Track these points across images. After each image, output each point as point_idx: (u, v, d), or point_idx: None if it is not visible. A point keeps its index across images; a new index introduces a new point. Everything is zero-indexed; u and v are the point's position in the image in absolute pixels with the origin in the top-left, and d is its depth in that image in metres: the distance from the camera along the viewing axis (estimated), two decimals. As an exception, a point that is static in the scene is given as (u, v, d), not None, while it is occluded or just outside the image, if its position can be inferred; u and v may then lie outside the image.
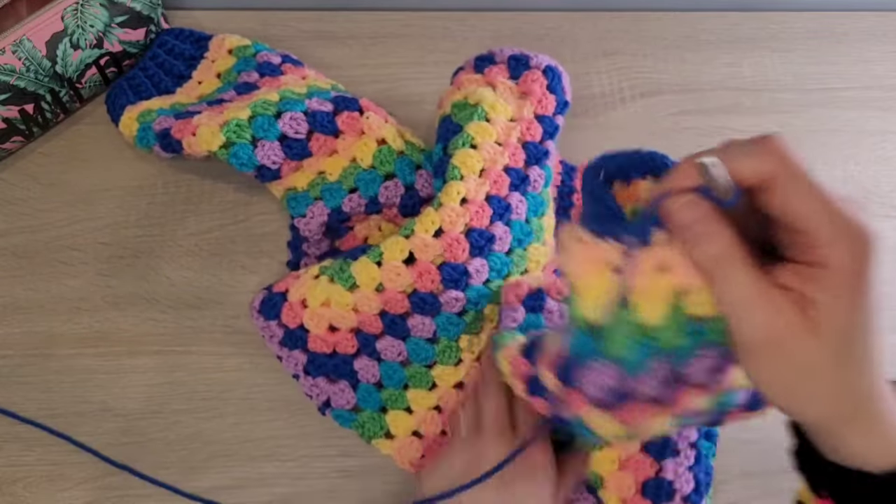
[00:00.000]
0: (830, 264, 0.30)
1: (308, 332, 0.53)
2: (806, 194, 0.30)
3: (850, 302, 0.30)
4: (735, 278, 0.31)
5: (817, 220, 0.30)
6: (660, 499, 0.51)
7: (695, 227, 0.32)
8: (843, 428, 0.33)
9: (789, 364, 0.32)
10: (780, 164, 0.31)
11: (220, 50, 0.63)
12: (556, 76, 0.56)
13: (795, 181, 0.31)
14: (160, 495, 0.53)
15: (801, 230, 0.31)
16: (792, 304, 0.31)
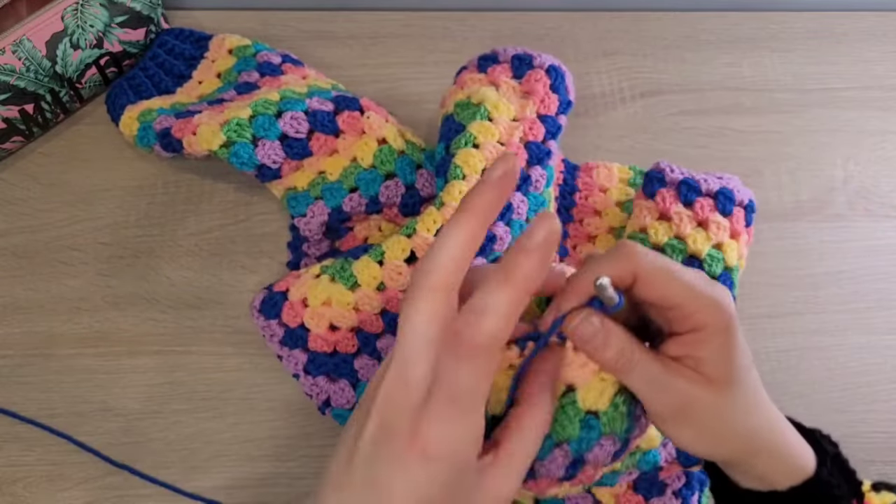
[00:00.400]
0: (705, 325, 0.36)
1: (308, 332, 0.53)
2: (666, 281, 0.36)
3: (730, 350, 0.36)
4: (638, 367, 0.37)
5: (682, 297, 0.36)
6: (651, 494, 0.51)
7: (595, 338, 0.37)
8: (753, 459, 0.39)
9: (700, 419, 0.37)
10: (637, 265, 0.36)
11: (221, 50, 0.63)
12: (560, 76, 0.56)
13: (654, 274, 0.36)
14: (160, 495, 0.53)
15: (671, 307, 0.36)
16: (687, 370, 0.37)
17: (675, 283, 0.36)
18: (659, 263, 0.36)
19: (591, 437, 0.39)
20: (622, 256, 0.36)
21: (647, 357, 0.37)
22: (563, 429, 0.38)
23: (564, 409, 0.38)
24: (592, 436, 0.39)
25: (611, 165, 0.62)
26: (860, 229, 0.63)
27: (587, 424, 0.38)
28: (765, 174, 0.64)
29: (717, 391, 0.37)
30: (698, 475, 0.53)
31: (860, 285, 0.61)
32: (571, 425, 0.38)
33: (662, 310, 0.37)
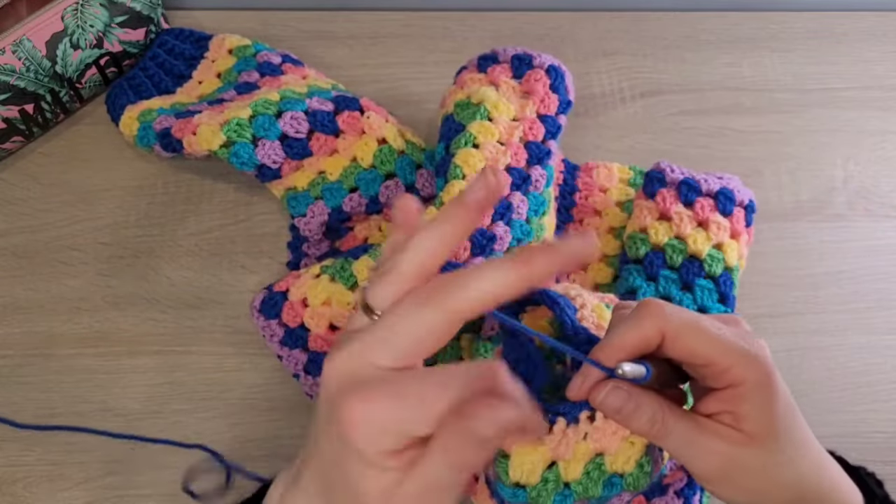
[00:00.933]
0: (742, 381, 0.36)
1: (309, 332, 0.53)
2: (695, 338, 0.36)
3: (770, 404, 0.36)
4: (674, 433, 0.37)
5: (714, 353, 0.36)
6: (653, 493, 0.51)
7: (624, 408, 0.36)
8: None
9: (743, 478, 0.37)
10: (663, 324, 0.36)
11: (221, 50, 0.63)
12: (560, 76, 0.56)
13: (682, 332, 0.36)
14: (160, 496, 0.53)
15: (704, 364, 0.36)
16: (726, 428, 0.36)
17: (705, 339, 0.36)
18: (686, 319, 0.36)
19: (611, 493, 0.42)
20: (646, 317, 0.36)
21: (683, 421, 0.37)
22: (587, 490, 0.41)
23: (590, 473, 0.41)
24: (614, 492, 0.42)
25: (611, 165, 0.62)
26: (860, 229, 0.63)
27: (610, 483, 0.41)
28: (765, 174, 0.64)
29: (760, 447, 0.36)
30: None
31: (860, 285, 0.61)
32: (595, 486, 0.41)
33: (695, 366, 0.37)
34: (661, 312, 0.36)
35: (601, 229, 0.60)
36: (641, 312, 0.36)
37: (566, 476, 0.42)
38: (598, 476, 0.41)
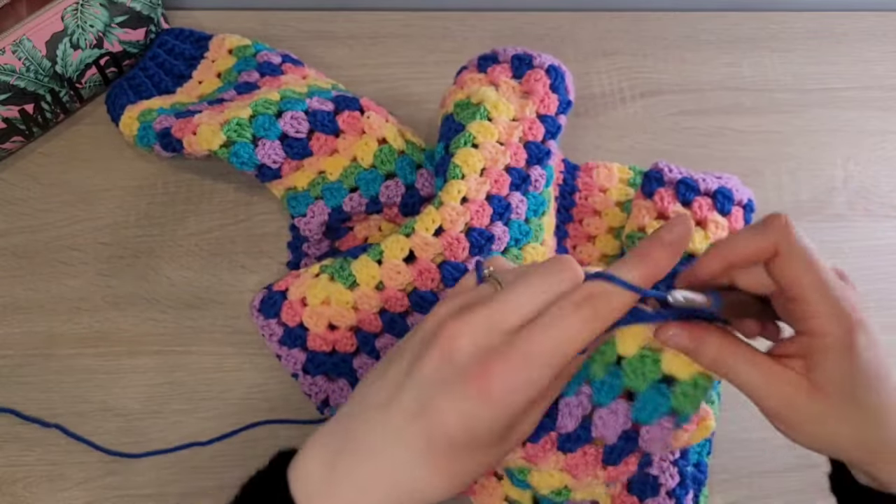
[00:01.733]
0: (824, 334, 0.36)
1: (307, 331, 0.53)
2: (803, 269, 0.36)
3: (847, 365, 0.35)
4: (738, 370, 0.37)
5: (811, 292, 0.36)
6: (645, 494, 0.51)
7: (689, 346, 0.38)
8: (871, 466, 0.37)
9: (807, 423, 0.37)
10: (783, 240, 0.36)
11: (221, 50, 0.63)
12: (560, 76, 0.56)
13: (795, 257, 0.36)
14: (160, 496, 0.53)
15: (797, 299, 0.36)
16: (796, 374, 0.37)
17: (812, 274, 0.35)
18: (806, 246, 0.36)
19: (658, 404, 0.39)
20: (771, 228, 0.36)
21: (748, 362, 0.37)
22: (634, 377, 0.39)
23: (644, 359, 0.39)
24: (660, 403, 0.39)
25: (611, 165, 0.62)
26: (860, 229, 0.63)
27: (658, 389, 0.39)
28: (765, 174, 0.64)
29: (823, 400, 0.36)
30: (693, 474, 0.53)
31: (860, 285, 0.60)
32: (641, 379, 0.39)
33: (787, 301, 0.37)
34: (787, 230, 0.36)
35: (601, 229, 0.60)
36: (768, 223, 0.36)
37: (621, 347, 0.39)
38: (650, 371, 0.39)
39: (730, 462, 0.56)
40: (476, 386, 0.35)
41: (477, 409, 0.35)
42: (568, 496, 0.42)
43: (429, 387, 0.36)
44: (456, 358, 0.35)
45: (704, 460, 0.54)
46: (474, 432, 0.35)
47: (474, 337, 0.36)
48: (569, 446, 0.41)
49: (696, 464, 0.53)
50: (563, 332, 0.35)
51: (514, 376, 0.35)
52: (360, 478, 0.36)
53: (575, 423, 0.41)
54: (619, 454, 0.41)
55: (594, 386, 0.40)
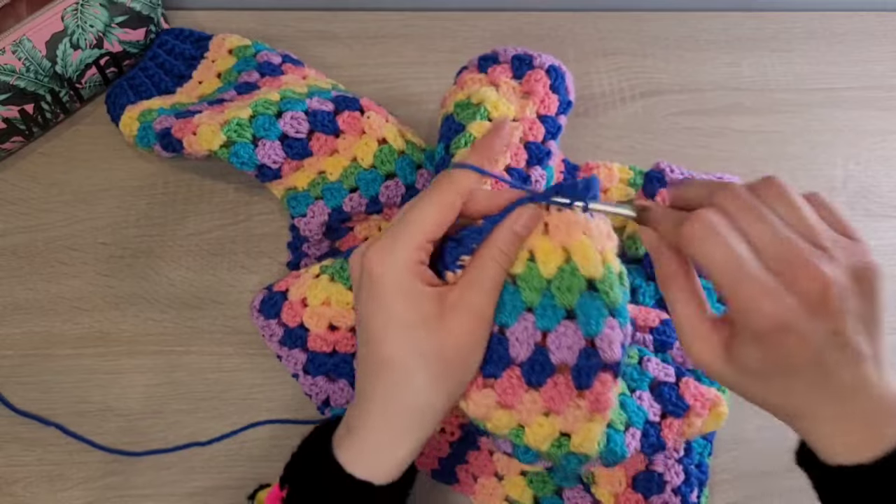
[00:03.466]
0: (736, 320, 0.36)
1: (308, 331, 0.53)
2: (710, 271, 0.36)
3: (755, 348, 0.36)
4: (673, 305, 0.39)
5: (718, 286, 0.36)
6: (650, 492, 0.51)
7: (651, 249, 0.40)
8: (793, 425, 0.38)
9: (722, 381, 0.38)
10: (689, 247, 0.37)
11: (221, 50, 0.63)
12: (560, 76, 0.56)
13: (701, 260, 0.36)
14: (160, 496, 0.53)
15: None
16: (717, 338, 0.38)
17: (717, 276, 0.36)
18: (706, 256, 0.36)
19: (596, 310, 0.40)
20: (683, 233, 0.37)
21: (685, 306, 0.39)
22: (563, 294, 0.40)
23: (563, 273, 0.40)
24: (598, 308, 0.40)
25: (611, 165, 0.62)
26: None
27: (590, 296, 0.40)
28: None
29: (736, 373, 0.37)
30: (696, 473, 0.53)
31: (860, 285, 0.61)
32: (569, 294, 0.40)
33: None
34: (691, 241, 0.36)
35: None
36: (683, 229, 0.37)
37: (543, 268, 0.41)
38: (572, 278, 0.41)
39: (730, 462, 0.56)
40: (367, 278, 0.40)
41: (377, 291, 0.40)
42: (567, 446, 0.42)
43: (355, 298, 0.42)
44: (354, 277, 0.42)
45: (706, 461, 0.54)
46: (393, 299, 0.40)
47: (360, 254, 0.41)
48: (535, 379, 0.41)
49: (698, 464, 0.53)
50: (416, 207, 0.41)
51: (383, 249, 0.40)
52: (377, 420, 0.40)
53: (528, 349, 0.41)
54: (586, 374, 0.41)
55: (536, 313, 0.41)
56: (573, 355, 0.41)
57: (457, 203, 0.41)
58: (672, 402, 0.48)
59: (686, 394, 0.49)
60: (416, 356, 0.40)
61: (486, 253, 0.41)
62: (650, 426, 0.47)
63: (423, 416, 0.40)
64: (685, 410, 0.48)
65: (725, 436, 0.56)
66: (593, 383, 0.41)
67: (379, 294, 0.40)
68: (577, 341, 0.41)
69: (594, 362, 0.41)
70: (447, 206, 0.41)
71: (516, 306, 0.41)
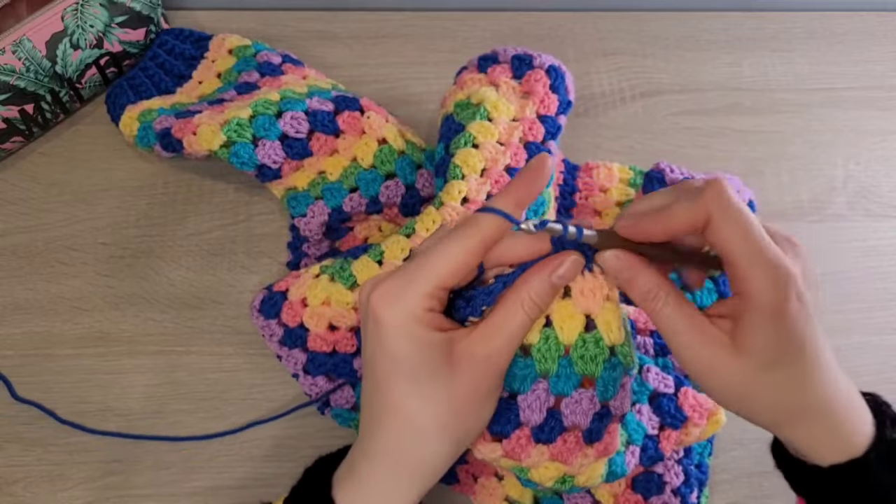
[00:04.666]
0: (755, 298, 0.35)
1: (308, 331, 0.53)
2: (735, 233, 0.35)
3: (773, 331, 0.35)
4: (665, 312, 0.37)
5: (742, 257, 0.35)
6: (650, 492, 0.51)
7: (621, 275, 0.38)
8: (786, 428, 0.38)
9: (725, 381, 0.37)
10: (715, 206, 0.35)
11: (221, 50, 0.63)
12: (560, 76, 0.56)
13: (727, 222, 0.35)
14: (160, 496, 0.53)
15: (730, 263, 0.36)
16: (721, 333, 0.37)
17: (742, 239, 0.35)
18: (735, 212, 0.35)
19: (616, 377, 0.39)
20: (703, 197, 0.35)
21: (679, 308, 0.37)
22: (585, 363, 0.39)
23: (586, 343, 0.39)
24: (617, 375, 0.39)
25: (611, 165, 0.62)
26: (860, 229, 0.63)
27: (611, 364, 0.39)
28: (765, 174, 0.64)
29: (746, 365, 0.36)
30: (696, 473, 0.53)
31: (860, 285, 0.61)
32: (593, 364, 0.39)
33: (725, 262, 0.36)
34: (719, 197, 0.35)
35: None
36: (701, 192, 0.36)
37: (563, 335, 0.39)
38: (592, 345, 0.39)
39: (730, 462, 0.56)
40: (372, 319, 0.38)
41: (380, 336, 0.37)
42: (572, 482, 0.42)
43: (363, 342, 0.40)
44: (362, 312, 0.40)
45: (706, 461, 0.54)
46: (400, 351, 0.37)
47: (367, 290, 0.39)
48: (544, 437, 0.41)
49: (698, 465, 0.53)
50: (436, 250, 0.38)
51: (391, 292, 0.37)
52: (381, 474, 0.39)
53: (540, 416, 0.40)
54: (597, 432, 0.41)
55: (550, 381, 0.40)
56: (587, 419, 0.40)
57: (480, 252, 0.38)
58: (670, 415, 0.48)
59: (685, 405, 0.49)
60: (422, 405, 0.38)
61: (514, 299, 0.38)
62: (648, 439, 0.48)
63: (428, 465, 0.39)
64: (683, 422, 0.48)
65: (725, 436, 0.56)
66: (603, 437, 0.41)
67: (383, 340, 0.37)
68: (593, 407, 0.40)
69: (606, 421, 0.41)
70: (469, 254, 0.37)
71: (529, 376, 0.40)
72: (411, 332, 0.37)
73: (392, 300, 0.37)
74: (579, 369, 0.39)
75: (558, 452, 0.41)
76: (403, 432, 0.38)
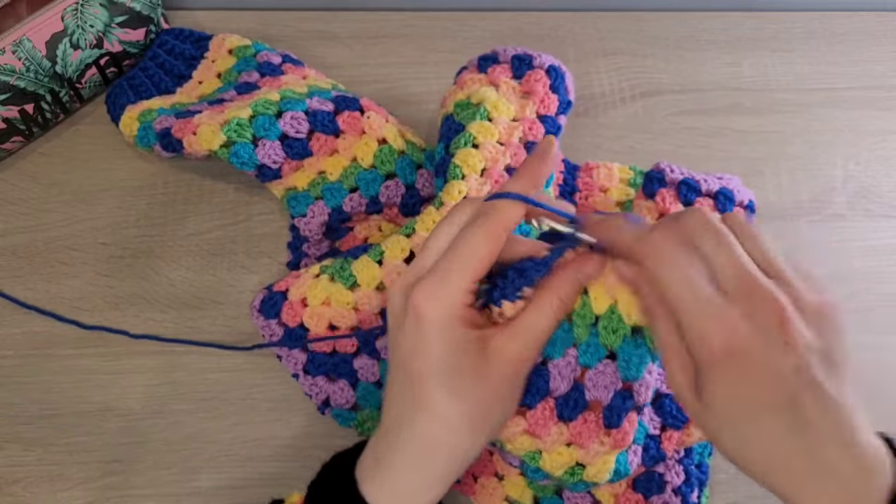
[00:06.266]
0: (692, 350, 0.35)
1: (308, 332, 0.53)
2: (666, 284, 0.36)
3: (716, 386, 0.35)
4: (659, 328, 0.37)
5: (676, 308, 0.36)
6: (650, 492, 0.51)
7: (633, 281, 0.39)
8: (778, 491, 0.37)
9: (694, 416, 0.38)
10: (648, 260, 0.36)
11: (221, 50, 0.63)
12: (560, 76, 0.56)
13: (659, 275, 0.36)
14: (160, 496, 0.53)
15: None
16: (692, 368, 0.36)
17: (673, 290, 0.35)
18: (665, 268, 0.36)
19: (639, 357, 0.40)
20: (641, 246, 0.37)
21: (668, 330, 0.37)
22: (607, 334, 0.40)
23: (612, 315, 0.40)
24: (641, 355, 0.40)
25: (611, 165, 0.62)
26: (860, 229, 0.63)
27: (634, 342, 0.40)
28: (765, 174, 0.64)
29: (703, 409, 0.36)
30: (696, 473, 0.53)
31: (860, 285, 0.61)
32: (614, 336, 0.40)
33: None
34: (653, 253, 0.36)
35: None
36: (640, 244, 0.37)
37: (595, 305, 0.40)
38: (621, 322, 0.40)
39: (730, 462, 0.56)
40: (413, 317, 0.38)
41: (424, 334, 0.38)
42: (581, 475, 0.42)
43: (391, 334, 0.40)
44: (393, 300, 0.40)
45: (706, 461, 0.54)
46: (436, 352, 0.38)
47: (403, 289, 0.39)
48: (567, 414, 0.41)
49: (698, 464, 0.53)
50: (467, 243, 0.38)
51: (434, 290, 0.38)
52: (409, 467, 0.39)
53: (567, 384, 0.41)
54: (618, 415, 0.41)
55: (580, 348, 0.41)
56: (607, 395, 0.41)
57: (503, 237, 0.39)
58: (672, 415, 0.48)
59: None
60: (455, 402, 0.38)
61: (545, 301, 0.39)
62: (650, 439, 0.48)
63: (456, 461, 0.40)
64: (685, 423, 0.48)
65: (725, 436, 0.56)
66: (623, 424, 0.41)
67: (424, 336, 0.38)
68: (614, 382, 0.41)
69: (628, 405, 0.41)
70: (495, 242, 0.39)
71: (566, 341, 0.41)
72: (453, 329, 0.38)
73: (435, 297, 0.38)
74: (603, 340, 0.40)
75: (577, 433, 0.41)
76: (433, 427, 0.39)
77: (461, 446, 0.39)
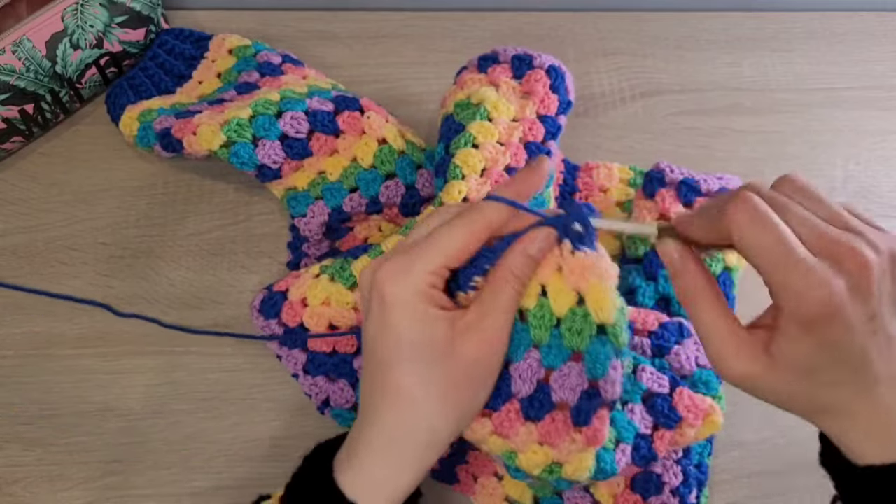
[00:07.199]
0: (781, 306, 0.35)
1: (308, 332, 0.53)
2: (756, 246, 0.35)
3: (804, 340, 0.35)
4: (701, 318, 0.38)
5: (765, 268, 0.35)
6: (649, 492, 0.51)
7: (673, 264, 0.39)
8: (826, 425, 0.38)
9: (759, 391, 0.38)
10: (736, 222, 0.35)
11: (221, 50, 0.63)
12: (560, 76, 0.56)
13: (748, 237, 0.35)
14: (160, 496, 0.53)
15: (760, 274, 0.36)
16: (755, 344, 0.37)
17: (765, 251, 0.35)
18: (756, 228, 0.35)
19: (604, 355, 0.39)
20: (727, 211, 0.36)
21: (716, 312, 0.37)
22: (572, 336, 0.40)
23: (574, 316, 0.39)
24: (606, 353, 0.39)
25: (611, 165, 0.62)
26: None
27: (599, 341, 0.40)
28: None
29: (778, 376, 0.36)
30: (696, 474, 0.53)
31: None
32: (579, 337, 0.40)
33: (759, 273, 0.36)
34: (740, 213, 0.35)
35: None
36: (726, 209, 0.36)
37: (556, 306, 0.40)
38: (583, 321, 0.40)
39: (730, 462, 0.56)
40: (377, 298, 0.39)
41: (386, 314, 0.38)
42: (560, 473, 0.42)
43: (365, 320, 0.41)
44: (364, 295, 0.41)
45: (706, 461, 0.54)
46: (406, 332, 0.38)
47: (371, 272, 0.40)
48: (533, 414, 0.41)
49: (698, 465, 0.53)
50: (440, 230, 0.39)
51: (396, 269, 0.38)
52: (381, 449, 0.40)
53: (530, 387, 0.41)
54: (585, 414, 0.41)
55: (542, 350, 0.41)
56: (574, 396, 0.41)
57: (483, 236, 0.40)
58: (664, 414, 0.48)
59: (679, 405, 0.48)
60: (425, 384, 0.39)
61: (500, 276, 0.40)
62: (641, 439, 0.47)
63: (429, 445, 0.40)
64: (677, 422, 0.48)
65: (725, 436, 0.56)
66: (592, 421, 0.41)
67: (388, 317, 0.38)
68: (581, 382, 0.41)
69: (595, 403, 0.41)
70: (474, 237, 0.39)
71: (523, 343, 0.41)
72: (416, 308, 0.38)
73: (398, 276, 0.38)
74: (567, 342, 0.40)
75: (546, 433, 0.41)
76: (405, 412, 0.39)
77: (433, 431, 0.39)
